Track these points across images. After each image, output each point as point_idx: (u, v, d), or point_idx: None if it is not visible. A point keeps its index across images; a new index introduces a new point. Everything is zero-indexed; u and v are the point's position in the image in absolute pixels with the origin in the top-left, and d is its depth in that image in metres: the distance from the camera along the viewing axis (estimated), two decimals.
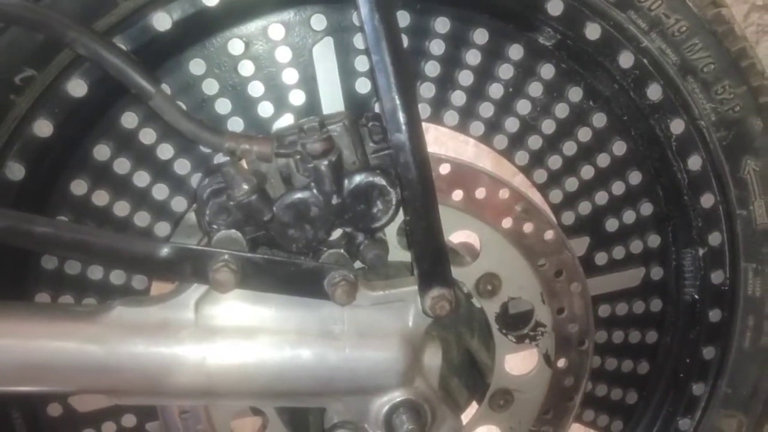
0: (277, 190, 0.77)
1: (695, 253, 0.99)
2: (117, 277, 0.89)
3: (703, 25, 0.86)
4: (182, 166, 0.87)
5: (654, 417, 1.07)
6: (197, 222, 0.81)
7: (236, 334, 0.78)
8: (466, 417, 0.97)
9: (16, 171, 0.80)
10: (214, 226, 0.76)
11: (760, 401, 1.03)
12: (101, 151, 0.85)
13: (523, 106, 0.92)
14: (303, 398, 0.84)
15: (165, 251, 0.72)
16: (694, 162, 0.94)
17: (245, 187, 0.73)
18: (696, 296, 1.01)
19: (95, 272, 0.89)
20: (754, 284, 0.99)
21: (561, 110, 0.92)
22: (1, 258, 0.83)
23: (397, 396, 0.83)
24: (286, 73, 0.86)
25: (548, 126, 0.93)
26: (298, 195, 0.75)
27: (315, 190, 0.75)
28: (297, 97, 0.87)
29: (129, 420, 0.93)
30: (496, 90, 0.91)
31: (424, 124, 0.76)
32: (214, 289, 0.74)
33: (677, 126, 0.92)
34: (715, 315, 1.01)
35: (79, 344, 0.73)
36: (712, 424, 1.03)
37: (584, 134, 0.94)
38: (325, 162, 0.74)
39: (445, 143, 1.22)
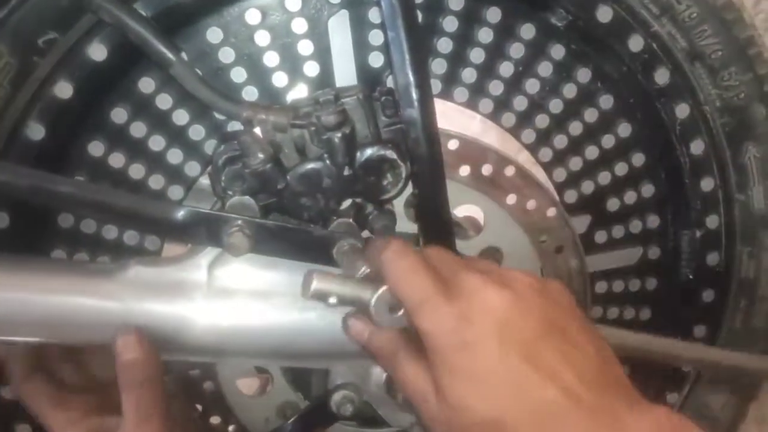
0: (291, 159, 0.79)
1: (692, 235, 1.01)
2: (131, 237, 0.92)
3: (713, 11, 0.87)
4: (197, 132, 0.89)
5: (643, 391, 1.09)
6: (212, 187, 0.83)
7: (247, 296, 0.80)
8: None
9: (36, 131, 0.82)
10: (229, 192, 0.78)
11: (747, 380, 1.06)
12: (118, 115, 0.86)
13: (532, 86, 0.93)
14: (308, 360, 0.87)
15: (182, 214, 0.74)
16: (697, 146, 0.95)
17: (261, 155, 0.75)
18: (691, 276, 1.04)
19: (110, 232, 0.91)
20: (748, 267, 1.01)
21: (569, 91, 0.94)
22: (19, 215, 0.85)
23: None
24: (301, 44, 0.87)
25: (556, 106, 0.94)
26: (312, 165, 0.77)
27: (328, 161, 0.77)
28: (311, 69, 0.88)
29: None
30: (506, 68, 0.92)
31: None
32: (227, 252, 0.76)
33: (682, 110, 0.93)
34: (708, 295, 1.04)
35: (97, 300, 0.75)
36: (699, 399, 1.07)
37: (591, 115, 0.95)
38: (339, 134, 0.75)
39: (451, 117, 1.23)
